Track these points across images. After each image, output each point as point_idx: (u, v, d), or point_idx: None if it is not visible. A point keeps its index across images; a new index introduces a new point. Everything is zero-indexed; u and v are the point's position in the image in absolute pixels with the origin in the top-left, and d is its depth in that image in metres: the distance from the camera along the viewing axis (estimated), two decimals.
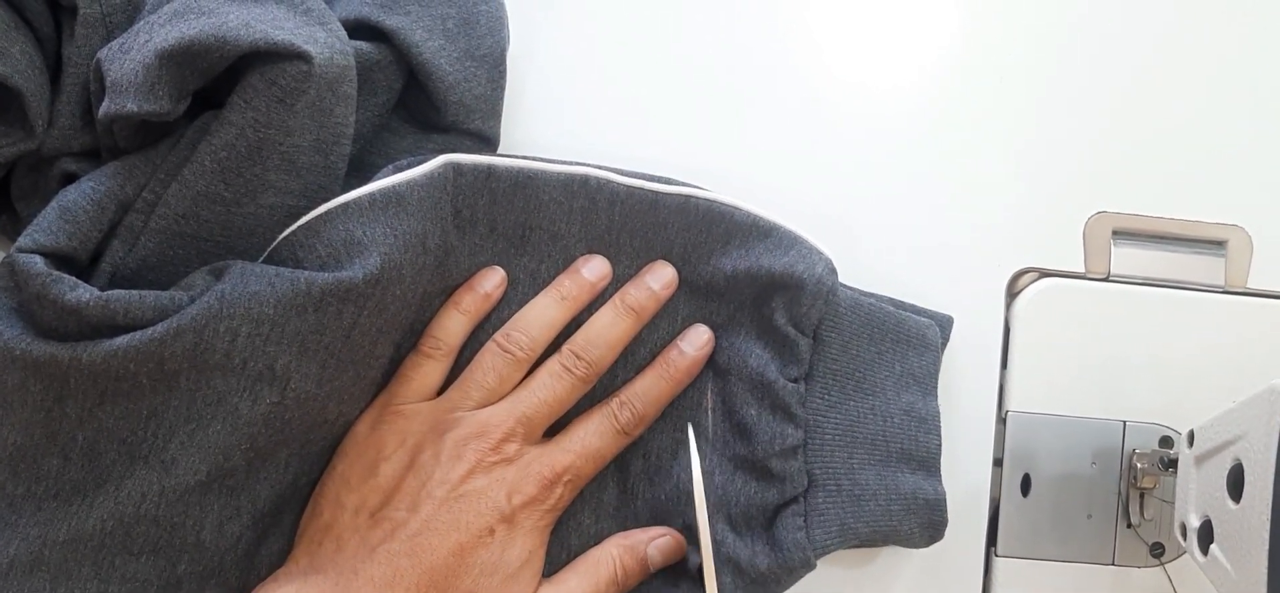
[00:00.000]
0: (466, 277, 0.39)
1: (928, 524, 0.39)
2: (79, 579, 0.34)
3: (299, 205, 0.36)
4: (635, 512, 0.40)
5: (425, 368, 0.38)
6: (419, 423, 0.37)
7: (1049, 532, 0.41)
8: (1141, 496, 0.41)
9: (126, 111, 0.33)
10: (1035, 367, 0.42)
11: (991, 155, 0.43)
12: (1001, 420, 0.42)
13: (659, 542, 0.39)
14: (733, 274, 0.39)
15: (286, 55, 0.33)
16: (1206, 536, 0.35)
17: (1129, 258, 0.43)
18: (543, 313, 0.39)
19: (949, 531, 0.41)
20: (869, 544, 0.39)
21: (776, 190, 0.42)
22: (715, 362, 0.40)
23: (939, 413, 0.40)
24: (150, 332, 0.32)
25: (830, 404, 0.39)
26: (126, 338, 0.32)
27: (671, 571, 0.39)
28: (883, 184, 0.43)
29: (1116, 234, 0.43)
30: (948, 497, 0.41)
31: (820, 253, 0.39)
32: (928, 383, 0.40)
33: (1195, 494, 0.37)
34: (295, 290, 0.33)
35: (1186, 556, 0.39)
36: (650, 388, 0.39)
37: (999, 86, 0.44)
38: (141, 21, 0.35)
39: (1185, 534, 0.37)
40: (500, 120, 0.41)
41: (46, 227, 0.34)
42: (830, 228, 0.40)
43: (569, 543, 0.39)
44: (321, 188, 0.36)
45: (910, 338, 0.40)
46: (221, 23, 0.33)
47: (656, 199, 0.39)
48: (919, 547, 0.39)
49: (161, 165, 0.35)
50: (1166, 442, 0.42)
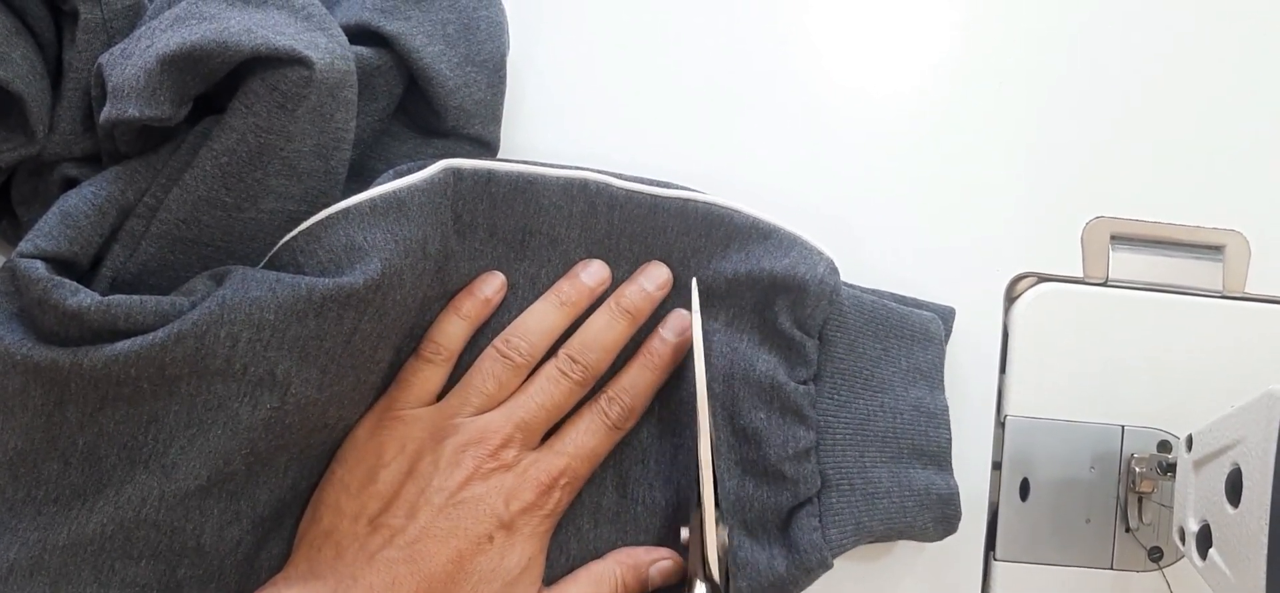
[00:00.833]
0: (466, 281, 0.39)
1: (941, 519, 0.39)
2: (79, 584, 0.34)
3: (300, 211, 0.36)
4: (635, 516, 0.40)
5: (425, 373, 0.38)
6: (418, 429, 0.37)
7: (1048, 536, 0.42)
8: (1140, 500, 0.41)
9: (128, 117, 0.33)
10: (1034, 371, 0.42)
11: (990, 160, 0.43)
12: (1000, 425, 0.42)
13: (661, 565, 0.39)
14: (734, 278, 0.39)
15: (288, 61, 0.33)
16: (1205, 540, 0.35)
17: (1127, 263, 0.43)
18: (542, 318, 0.39)
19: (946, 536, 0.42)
20: (884, 540, 0.39)
21: (776, 195, 0.42)
22: (721, 369, 0.39)
23: (947, 407, 0.40)
24: (151, 337, 0.32)
25: (840, 404, 0.39)
26: (127, 343, 0.32)
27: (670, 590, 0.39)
28: (882, 188, 0.43)
29: (1115, 239, 0.43)
30: None
31: (821, 253, 0.39)
32: (934, 377, 0.40)
33: (1193, 499, 0.37)
34: (296, 296, 0.33)
35: (1185, 560, 0.39)
36: (637, 380, 0.39)
37: (998, 91, 0.44)
38: (143, 27, 0.35)
39: (1183, 539, 0.37)
40: (500, 125, 0.41)
41: (47, 232, 0.34)
42: (830, 232, 0.40)
43: (568, 549, 0.39)
44: (322, 193, 0.36)
45: (915, 333, 0.40)
46: (223, 28, 0.33)
47: (656, 203, 0.40)
48: (933, 541, 0.39)
49: (163, 170, 0.35)
50: (1165, 446, 0.42)
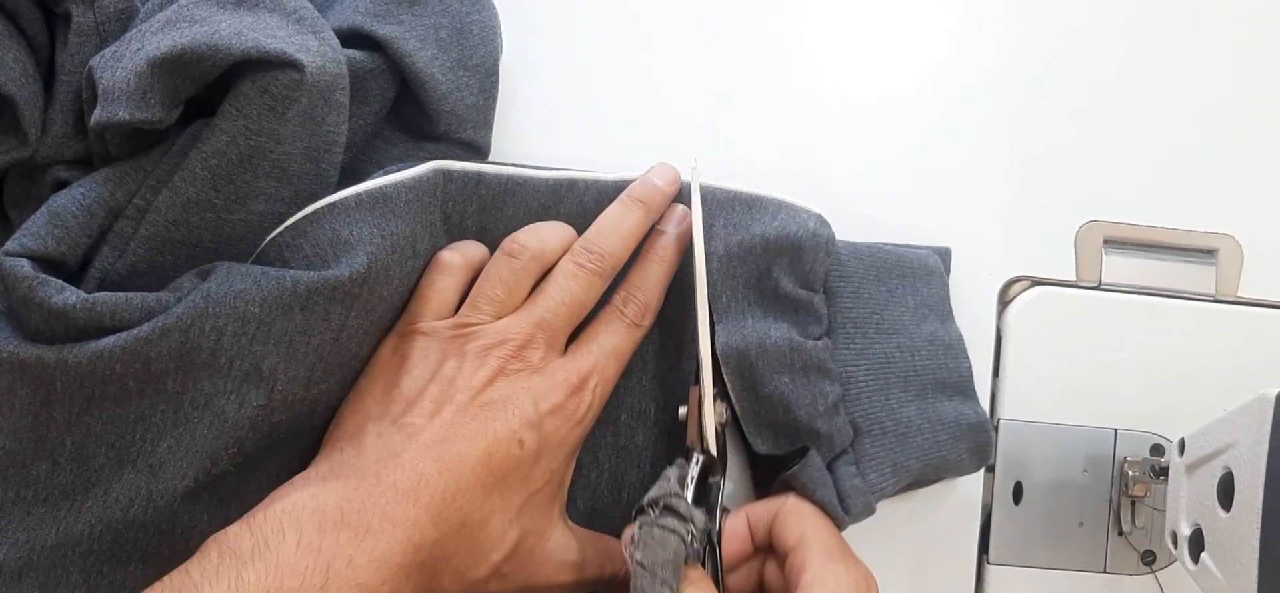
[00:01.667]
0: None
1: (975, 448, 0.39)
2: (67, 586, 0.34)
3: (289, 213, 0.36)
4: (631, 518, 0.40)
5: (440, 284, 0.37)
6: (439, 338, 0.36)
7: (1041, 539, 0.42)
8: (1133, 503, 0.42)
9: (118, 119, 0.33)
10: (1027, 375, 0.42)
11: (984, 164, 0.43)
12: (994, 428, 0.42)
13: None
14: (726, 253, 0.39)
15: (278, 64, 0.33)
16: (1197, 544, 0.35)
17: (1120, 267, 0.43)
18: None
19: (940, 539, 0.42)
20: (922, 481, 0.40)
21: None
22: (735, 350, 0.38)
23: (962, 336, 0.40)
24: (135, 332, 0.32)
25: (857, 352, 0.39)
26: (112, 339, 0.32)
27: None
28: (876, 193, 0.43)
29: (1108, 243, 0.43)
30: (940, 504, 0.42)
31: (808, 210, 0.39)
32: (943, 309, 0.40)
33: (1186, 503, 0.37)
34: (281, 289, 0.33)
35: (1177, 563, 0.39)
36: (647, 275, 0.39)
37: (991, 95, 0.44)
38: (134, 30, 0.35)
39: (1176, 542, 0.37)
40: (491, 130, 0.41)
41: (35, 231, 0.34)
42: None
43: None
44: (312, 196, 0.36)
45: (916, 269, 0.41)
46: (214, 31, 0.33)
47: None
48: (970, 472, 0.40)
49: (152, 173, 0.35)
50: (1157, 450, 0.42)
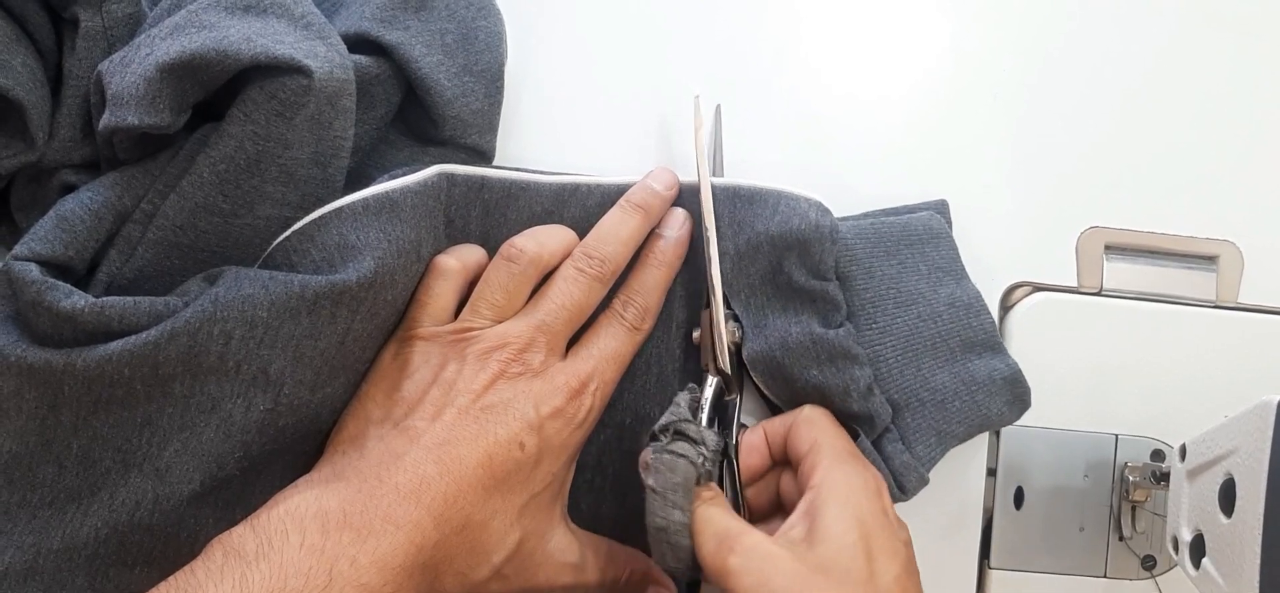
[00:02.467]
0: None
1: (1013, 399, 0.39)
2: (73, 589, 0.34)
3: (296, 217, 0.36)
4: (634, 527, 0.40)
5: (438, 289, 0.37)
6: (440, 342, 0.36)
7: (1042, 544, 0.42)
8: (1133, 508, 0.42)
9: (127, 124, 0.33)
10: (1029, 380, 0.42)
11: (985, 170, 0.44)
12: (995, 434, 0.42)
13: (659, 591, 0.39)
14: (736, 254, 0.39)
15: (287, 69, 0.33)
16: (1198, 549, 0.36)
17: (1121, 273, 0.43)
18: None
19: (941, 543, 0.42)
20: (967, 438, 0.40)
21: None
22: (760, 354, 0.39)
23: (979, 292, 0.40)
24: (144, 336, 0.32)
25: (881, 330, 0.39)
26: (120, 343, 0.32)
27: None
28: (877, 198, 0.43)
29: (1109, 249, 0.44)
30: (942, 508, 0.42)
31: (808, 199, 0.39)
32: (956, 269, 0.41)
33: (1187, 508, 0.37)
34: (289, 293, 0.33)
35: (1178, 568, 0.39)
36: (646, 279, 0.39)
37: (992, 102, 0.44)
38: (142, 35, 0.35)
39: (1177, 548, 0.37)
40: (496, 135, 0.41)
41: (43, 235, 0.34)
42: None
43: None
44: (319, 200, 0.36)
45: (921, 236, 0.41)
46: (222, 37, 0.33)
47: None
48: (1011, 422, 0.40)
49: (160, 177, 0.35)
50: (1158, 455, 0.42)
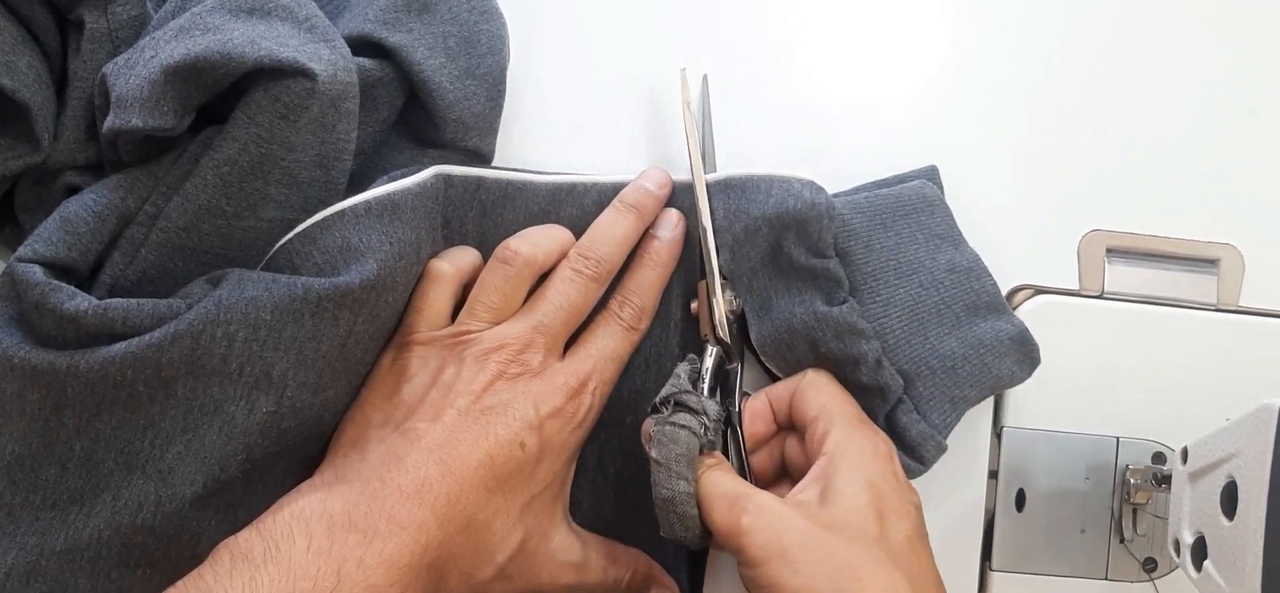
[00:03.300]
0: None
1: (1023, 358, 0.40)
2: (76, 591, 0.34)
3: (299, 219, 0.36)
4: (636, 525, 0.40)
5: (433, 294, 0.37)
6: (438, 347, 0.37)
7: (1043, 547, 0.42)
8: (1135, 511, 0.42)
9: (131, 126, 0.33)
10: (1030, 383, 0.42)
11: (987, 173, 0.44)
12: (996, 436, 0.42)
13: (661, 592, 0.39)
14: (734, 240, 0.39)
15: (291, 72, 0.34)
16: (1200, 552, 0.36)
17: (1123, 275, 0.43)
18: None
19: (943, 546, 0.41)
20: (980, 401, 0.40)
21: None
22: (768, 337, 0.39)
23: (978, 256, 0.41)
24: (147, 338, 0.32)
25: (884, 303, 0.40)
26: (123, 345, 0.32)
27: None
28: None
29: (1110, 252, 0.44)
30: (943, 510, 0.42)
31: (800, 180, 0.39)
32: (953, 235, 0.41)
33: (1189, 511, 0.37)
34: (292, 296, 0.33)
35: (1179, 571, 0.39)
36: (642, 279, 0.40)
37: (994, 104, 0.44)
38: (147, 37, 0.35)
39: (1178, 550, 0.37)
40: (496, 138, 0.42)
41: (47, 237, 0.34)
42: None
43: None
44: (322, 202, 0.36)
45: (916, 205, 0.41)
46: (227, 40, 0.33)
47: None
48: (1022, 381, 0.40)
49: (164, 179, 0.35)
50: (1159, 458, 0.42)
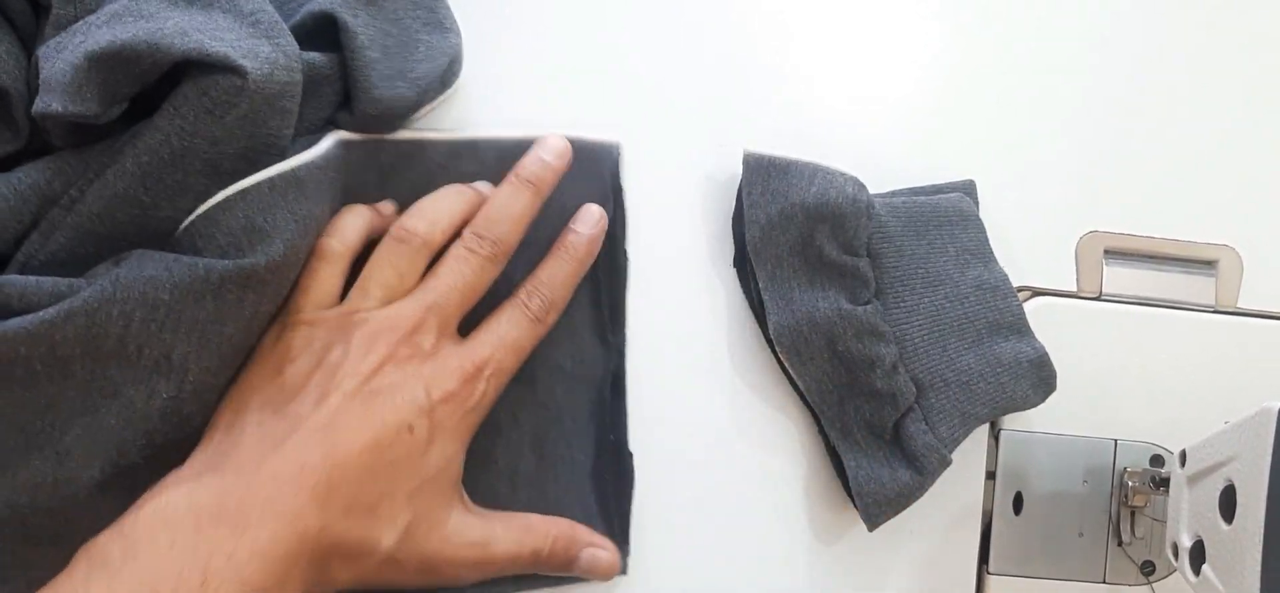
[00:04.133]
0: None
1: (1038, 382, 0.40)
2: None
3: None
4: (556, 476, 0.40)
5: (322, 273, 0.36)
6: (324, 327, 0.35)
7: (1041, 550, 0.41)
8: (1132, 514, 0.41)
9: (52, 111, 0.32)
10: None
11: (985, 174, 0.43)
12: (994, 438, 0.42)
13: (595, 553, 0.38)
14: (766, 223, 0.39)
15: (220, 67, 0.33)
16: (1198, 556, 0.35)
17: (1121, 277, 0.43)
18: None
19: (940, 548, 0.42)
20: (990, 420, 0.40)
21: None
22: (786, 326, 0.39)
23: (1006, 275, 0.41)
24: (41, 315, 0.32)
25: (908, 309, 0.40)
26: (16, 321, 0.32)
27: None
28: None
29: (1108, 254, 0.43)
30: (941, 514, 0.41)
31: (844, 174, 0.39)
32: (984, 252, 0.41)
33: (1187, 514, 0.37)
34: (193, 276, 0.33)
35: (1177, 574, 0.39)
36: (555, 272, 0.38)
37: (992, 106, 0.44)
38: (82, 21, 0.34)
39: (1177, 554, 0.37)
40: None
41: None
42: None
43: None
44: None
45: (951, 217, 0.41)
46: (157, 29, 0.32)
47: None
48: (1035, 405, 0.40)
49: (92, 165, 0.35)
50: (1157, 460, 0.42)
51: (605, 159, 0.41)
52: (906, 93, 0.44)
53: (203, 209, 0.34)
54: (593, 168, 0.41)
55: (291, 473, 0.32)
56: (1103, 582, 0.42)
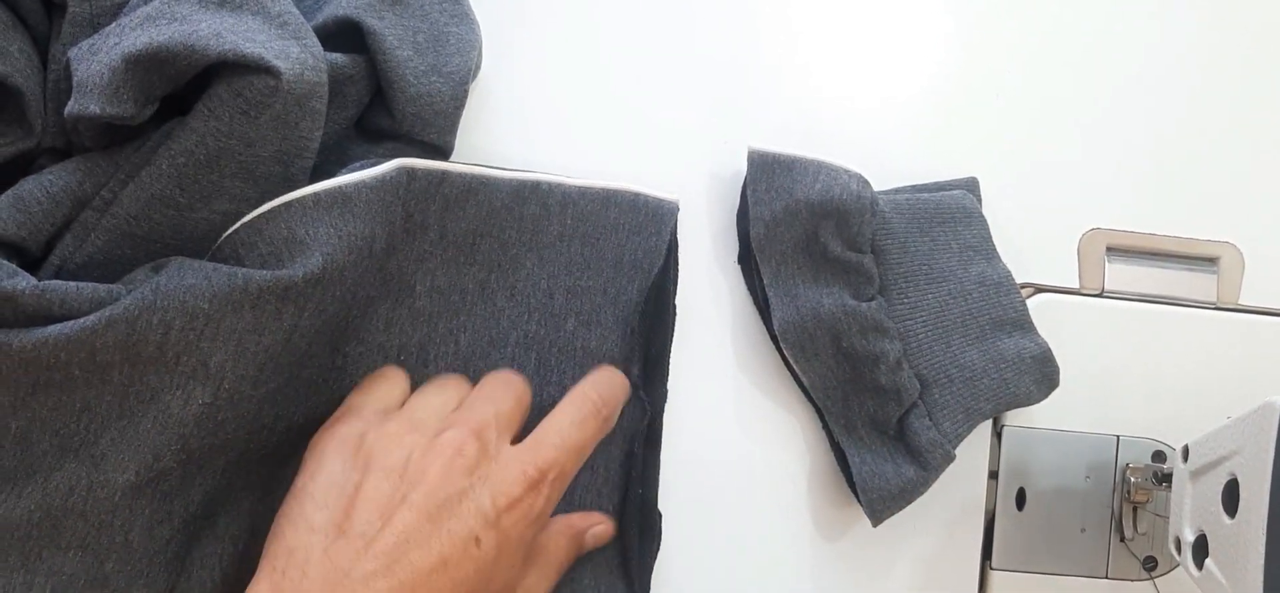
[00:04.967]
0: (411, 284, 0.39)
1: (1042, 378, 0.40)
2: (5, 569, 0.33)
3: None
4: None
5: (389, 376, 0.37)
6: (389, 425, 0.34)
7: (1043, 545, 0.42)
8: (1135, 509, 0.42)
9: (89, 113, 0.32)
10: None
11: (987, 172, 0.43)
12: (997, 434, 0.42)
13: (596, 530, 0.39)
14: (771, 219, 0.39)
15: (254, 68, 0.33)
16: (1201, 550, 0.36)
17: (1123, 274, 0.43)
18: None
19: (943, 544, 0.42)
20: (994, 416, 0.40)
21: None
22: (790, 323, 0.39)
23: (1010, 272, 0.41)
24: (82, 322, 0.32)
25: (912, 306, 0.40)
26: (58, 327, 0.32)
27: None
28: None
29: (1110, 251, 0.44)
30: (944, 510, 0.42)
31: (848, 171, 0.39)
32: (987, 249, 0.41)
33: (1190, 509, 0.37)
34: (232, 286, 0.33)
35: (1179, 569, 0.39)
36: (608, 379, 0.38)
37: (994, 103, 0.44)
38: (114, 23, 0.34)
39: (1180, 548, 0.37)
40: (455, 136, 0.40)
41: None
42: None
43: None
44: (278, 196, 0.35)
45: (954, 214, 0.41)
46: (192, 31, 0.33)
47: (608, 197, 0.40)
48: (1038, 402, 0.40)
49: (124, 166, 0.35)
50: (1159, 456, 0.42)
51: (665, 218, 0.41)
52: (910, 91, 0.44)
53: (247, 219, 0.35)
54: (652, 225, 0.41)
55: None
56: (1105, 577, 0.42)
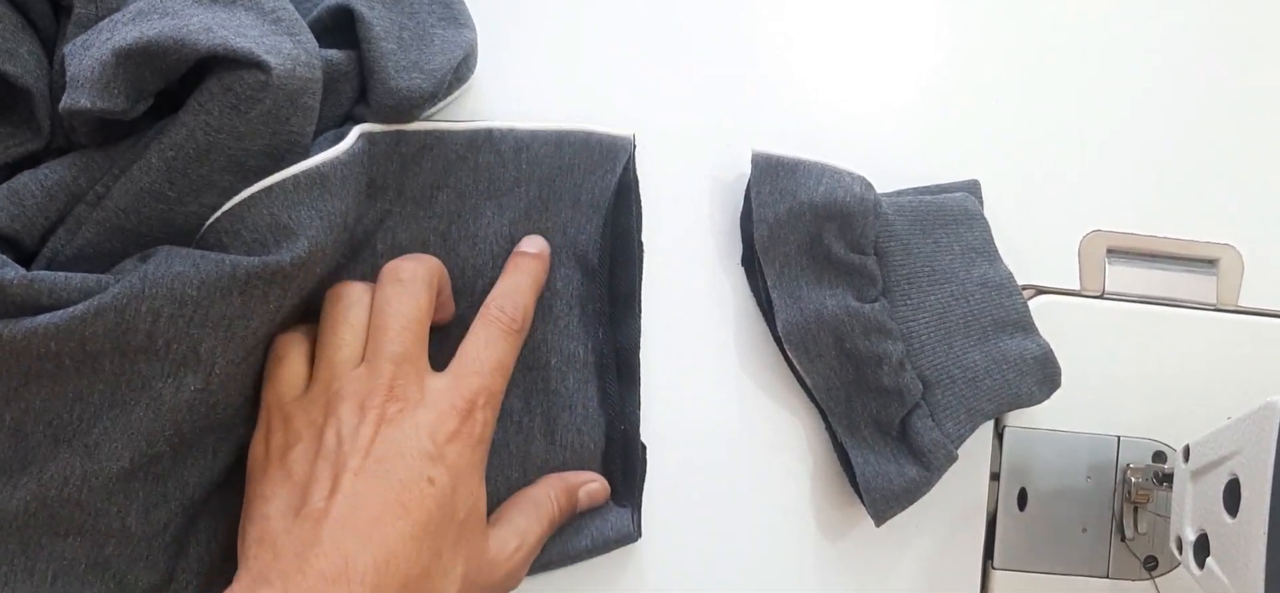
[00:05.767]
0: (373, 240, 0.39)
1: (1043, 379, 0.40)
2: (6, 557, 0.34)
3: None
4: (564, 462, 0.40)
5: (289, 358, 0.36)
6: (308, 412, 0.35)
7: (1045, 545, 0.42)
8: (1135, 509, 0.42)
9: (81, 107, 0.33)
10: None
11: (987, 174, 0.44)
12: (998, 435, 0.43)
13: (589, 488, 0.40)
14: (774, 221, 0.39)
15: (245, 63, 0.33)
16: (1203, 549, 0.36)
17: (1123, 276, 0.44)
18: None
19: (945, 544, 0.42)
20: (996, 416, 0.41)
21: None
22: (794, 324, 0.40)
23: (1012, 274, 0.41)
24: (71, 311, 0.32)
25: (914, 307, 0.40)
26: (47, 317, 0.32)
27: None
28: None
29: (1111, 252, 0.44)
30: (946, 510, 0.42)
31: (851, 174, 0.40)
32: (989, 251, 0.41)
33: (1191, 509, 0.37)
34: (220, 273, 0.33)
35: (1180, 569, 0.40)
36: (518, 283, 0.39)
37: (994, 105, 0.45)
38: (108, 18, 0.34)
39: (1181, 548, 0.37)
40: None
41: None
42: None
43: (500, 498, 0.39)
44: None
45: (956, 216, 0.41)
46: (182, 25, 0.33)
47: (561, 137, 0.41)
48: (1041, 402, 0.40)
49: (118, 161, 0.35)
50: (1160, 457, 0.42)
51: (619, 153, 0.41)
52: (913, 94, 0.44)
53: (229, 206, 0.35)
54: (607, 162, 0.41)
55: (337, 570, 0.31)
56: (1106, 577, 0.42)
